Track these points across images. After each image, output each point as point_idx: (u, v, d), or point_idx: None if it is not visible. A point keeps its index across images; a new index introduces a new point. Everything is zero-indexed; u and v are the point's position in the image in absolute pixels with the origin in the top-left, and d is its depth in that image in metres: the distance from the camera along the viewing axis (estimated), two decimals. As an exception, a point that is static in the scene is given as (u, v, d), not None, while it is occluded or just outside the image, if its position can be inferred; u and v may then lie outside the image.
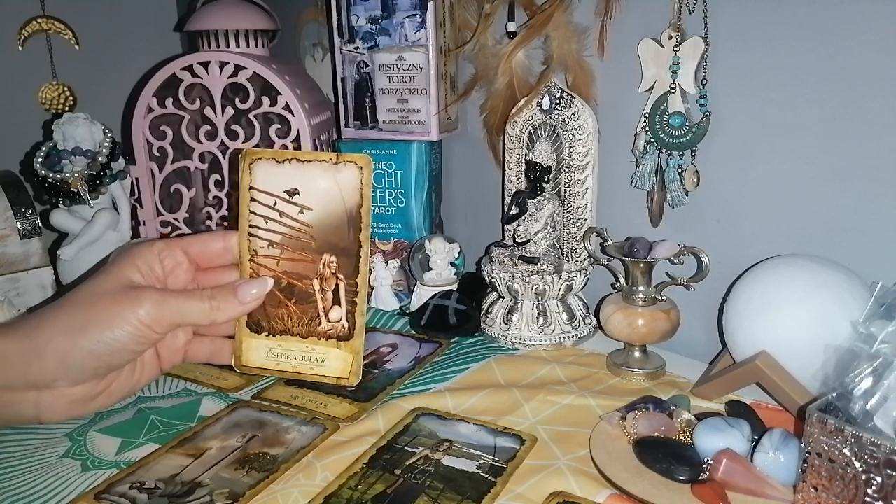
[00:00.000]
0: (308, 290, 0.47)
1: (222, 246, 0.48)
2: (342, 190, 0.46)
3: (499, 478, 0.58)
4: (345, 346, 0.48)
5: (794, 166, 0.73)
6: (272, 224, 0.46)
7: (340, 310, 0.47)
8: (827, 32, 0.68)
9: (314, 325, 0.48)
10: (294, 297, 0.47)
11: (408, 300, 0.99)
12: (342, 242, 0.46)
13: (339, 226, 0.46)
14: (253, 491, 0.57)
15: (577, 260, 0.86)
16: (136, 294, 0.44)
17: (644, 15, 0.80)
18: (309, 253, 0.46)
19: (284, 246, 0.47)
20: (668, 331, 0.74)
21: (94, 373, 0.45)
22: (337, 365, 0.48)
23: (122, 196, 0.98)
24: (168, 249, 0.47)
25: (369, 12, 0.98)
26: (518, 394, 0.70)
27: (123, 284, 0.45)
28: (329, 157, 0.46)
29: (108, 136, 0.95)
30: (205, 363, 0.51)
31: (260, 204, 0.46)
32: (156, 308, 0.44)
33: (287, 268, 0.47)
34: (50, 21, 1.25)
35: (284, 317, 0.48)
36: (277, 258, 0.47)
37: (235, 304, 0.46)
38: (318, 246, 0.46)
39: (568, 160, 0.85)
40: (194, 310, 0.45)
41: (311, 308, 0.47)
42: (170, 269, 0.47)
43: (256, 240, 0.47)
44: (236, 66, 0.96)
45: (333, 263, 0.46)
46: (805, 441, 0.48)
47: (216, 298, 0.46)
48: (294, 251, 0.47)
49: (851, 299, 0.61)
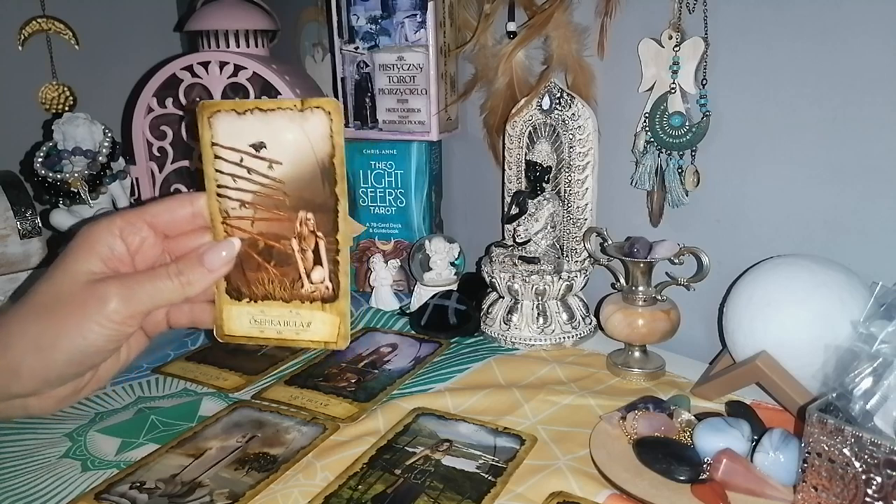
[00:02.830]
0: (287, 251, 0.44)
1: (190, 211, 0.44)
2: (311, 140, 0.42)
3: (499, 478, 0.58)
4: (330, 309, 0.44)
5: (794, 166, 0.73)
6: (241, 182, 0.43)
7: (323, 270, 0.44)
8: (827, 32, 0.68)
9: (296, 287, 0.44)
10: (273, 259, 0.44)
11: (408, 300, 0.98)
12: (317, 198, 0.43)
13: (313, 180, 0.42)
14: (253, 491, 0.57)
15: (577, 260, 0.86)
16: (100, 291, 0.41)
17: (644, 15, 0.80)
18: (284, 211, 0.43)
19: (257, 205, 0.43)
20: (668, 331, 0.74)
21: (76, 376, 0.43)
22: (323, 329, 0.45)
23: (122, 196, 0.98)
24: (130, 226, 0.43)
25: (369, 12, 0.98)
26: (518, 394, 0.70)
27: (85, 280, 0.41)
28: (293, 104, 0.41)
29: (108, 136, 0.95)
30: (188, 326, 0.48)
31: (225, 161, 0.42)
32: (124, 304, 0.41)
33: (263, 228, 0.43)
34: (50, 21, 1.25)
35: (265, 281, 0.44)
36: (252, 219, 0.43)
37: (205, 273, 0.43)
38: (293, 203, 0.43)
39: (568, 160, 0.85)
40: (164, 291, 0.42)
41: (291, 270, 0.44)
42: (135, 247, 0.43)
43: (227, 200, 0.43)
44: (236, 66, 0.96)
45: (311, 221, 0.43)
46: (805, 441, 0.48)
47: (184, 273, 0.42)
48: (268, 210, 0.43)
49: (851, 299, 0.61)
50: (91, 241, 0.42)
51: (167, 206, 0.44)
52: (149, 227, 0.44)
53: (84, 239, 0.43)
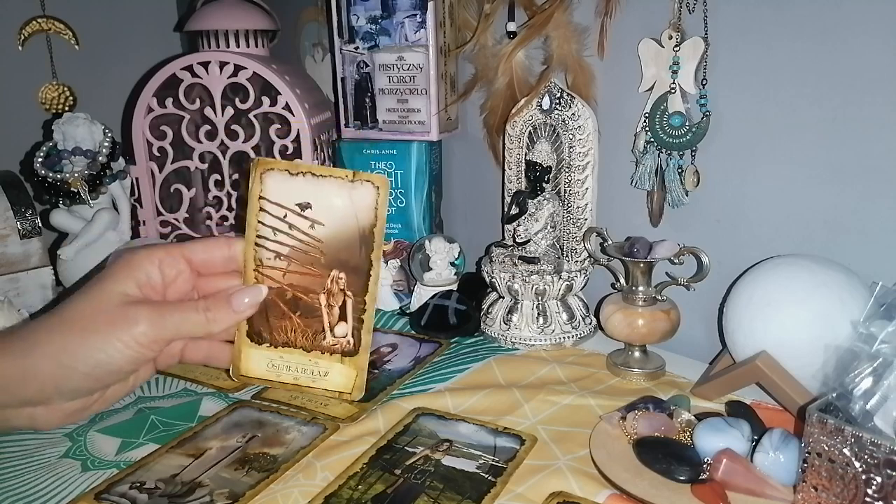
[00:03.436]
0: (314, 305, 0.46)
1: (227, 254, 0.47)
2: (356, 208, 0.45)
3: (499, 478, 0.58)
4: (349, 362, 0.47)
5: (794, 166, 0.73)
6: (281, 236, 0.45)
7: (346, 326, 0.46)
8: (827, 32, 0.68)
9: (318, 339, 0.47)
10: (299, 310, 0.46)
11: (408, 300, 0.98)
12: (353, 260, 0.45)
13: (351, 243, 0.45)
14: (253, 491, 0.57)
15: (577, 260, 0.86)
16: (132, 313, 0.43)
17: (644, 15, 0.80)
18: (317, 268, 0.46)
19: (292, 258, 0.46)
20: (668, 331, 0.74)
21: (89, 392, 0.45)
22: (340, 380, 0.47)
23: (122, 196, 0.98)
24: (169, 258, 0.46)
25: (369, 12, 0.98)
26: (518, 394, 0.70)
27: (119, 301, 0.43)
28: (345, 175, 0.45)
29: (108, 136, 0.95)
30: (201, 363, 0.50)
31: (269, 215, 0.45)
32: (152, 328, 0.43)
33: (293, 280, 0.46)
34: (50, 21, 1.25)
35: (288, 329, 0.47)
36: (284, 270, 0.46)
37: (230, 313, 0.45)
38: (328, 261, 0.46)
39: (568, 160, 0.85)
40: (189, 323, 0.44)
41: (316, 322, 0.46)
42: (171, 279, 0.46)
43: (263, 250, 0.46)
44: (236, 66, 0.96)
45: (342, 280, 0.46)
46: (805, 441, 0.48)
47: (211, 310, 0.45)
48: (302, 265, 0.46)
49: (851, 299, 0.61)
50: (131, 265, 0.45)
51: (205, 246, 0.47)
52: (186, 263, 0.46)
53: (125, 262, 0.45)
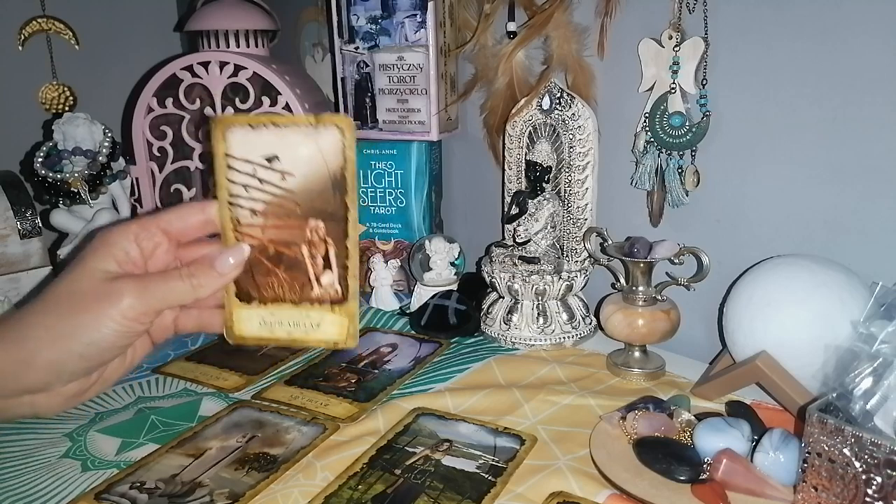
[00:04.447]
0: (297, 257, 0.46)
1: (202, 219, 0.46)
2: (324, 154, 0.44)
3: (499, 478, 0.58)
4: (339, 310, 0.46)
5: (794, 166, 0.73)
6: (253, 192, 0.45)
7: (332, 274, 0.46)
8: (827, 32, 0.68)
9: (306, 290, 0.46)
10: (283, 265, 0.46)
11: (408, 300, 0.98)
12: (328, 207, 0.45)
13: (324, 190, 0.44)
14: (253, 491, 0.57)
15: (577, 260, 0.86)
16: (117, 288, 0.43)
17: (644, 15, 0.80)
18: (295, 219, 0.45)
19: (269, 213, 0.45)
20: (668, 331, 0.74)
21: (87, 372, 0.45)
22: (333, 329, 0.47)
23: (122, 196, 0.98)
24: (144, 231, 0.45)
25: (369, 12, 0.98)
26: (518, 394, 0.70)
27: (102, 278, 0.43)
28: (308, 120, 0.43)
29: (108, 136, 0.95)
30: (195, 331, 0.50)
31: (238, 172, 0.45)
32: (138, 300, 0.43)
33: (273, 235, 0.45)
34: (50, 21, 1.25)
35: (274, 285, 0.46)
36: (262, 226, 0.45)
37: (216, 276, 0.45)
38: (304, 211, 0.45)
39: (568, 160, 0.85)
40: (176, 291, 0.44)
41: (301, 274, 0.46)
42: (149, 252, 0.46)
43: (238, 209, 0.45)
44: (236, 66, 0.96)
45: (321, 228, 0.45)
46: (805, 441, 0.48)
47: (195, 275, 0.44)
48: (279, 218, 0.45)
49: (851, 299, 0.61)
50: (108, 243, 0.44)
51: (180, 214, 0.46)
52: (162, 234, 0.46)
53: (101, 241, 0.45)
